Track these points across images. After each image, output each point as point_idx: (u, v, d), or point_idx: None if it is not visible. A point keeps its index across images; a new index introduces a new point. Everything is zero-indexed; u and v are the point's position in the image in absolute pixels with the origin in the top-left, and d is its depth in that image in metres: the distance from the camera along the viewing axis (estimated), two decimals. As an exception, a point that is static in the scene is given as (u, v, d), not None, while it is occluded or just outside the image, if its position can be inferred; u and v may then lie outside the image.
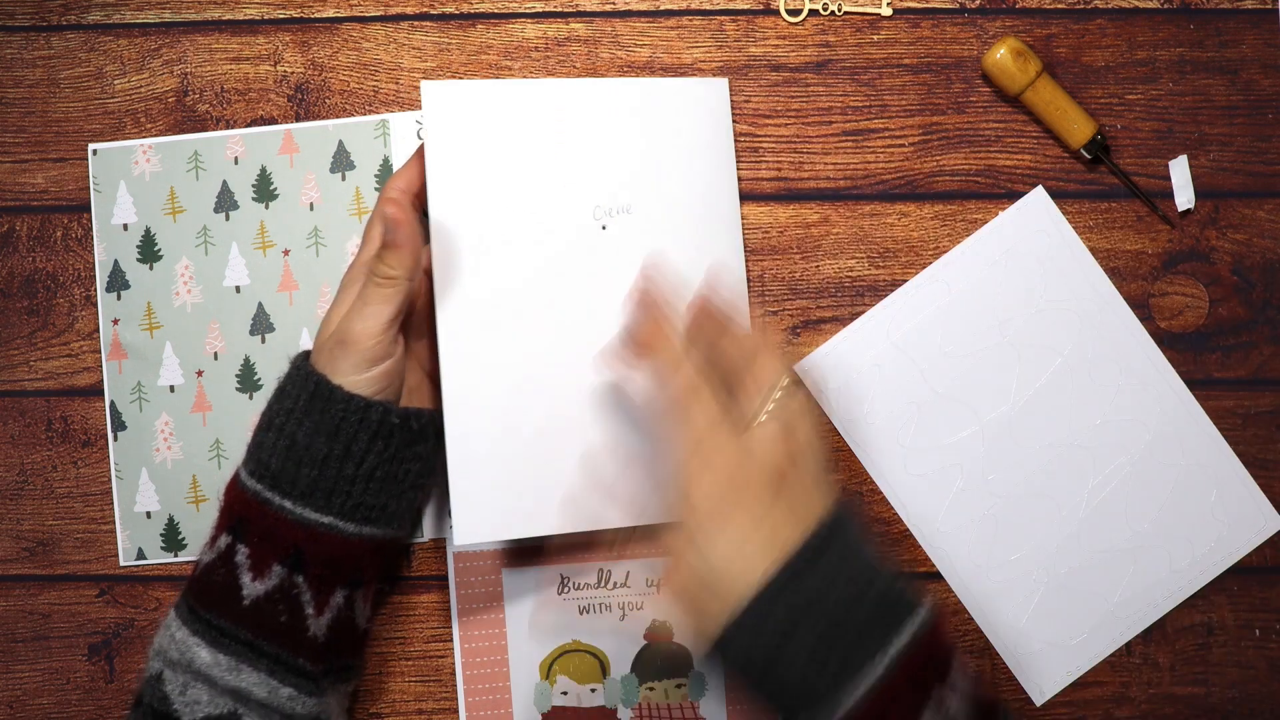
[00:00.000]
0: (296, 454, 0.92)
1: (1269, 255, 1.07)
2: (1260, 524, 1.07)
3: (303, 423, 0.92)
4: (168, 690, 0.90)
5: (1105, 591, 1.06)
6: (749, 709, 1.06)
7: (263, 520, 0.92)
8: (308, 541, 0.91)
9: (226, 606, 0.91)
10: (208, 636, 0.90)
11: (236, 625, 0.90)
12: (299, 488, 0.92)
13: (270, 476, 0.92)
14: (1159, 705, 1.07)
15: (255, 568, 0.91)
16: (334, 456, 0.92)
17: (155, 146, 1.09)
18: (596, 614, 1.07)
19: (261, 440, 0.94)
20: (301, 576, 0.91)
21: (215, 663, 0.90)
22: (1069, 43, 1.08)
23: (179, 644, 0.91)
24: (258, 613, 0.91)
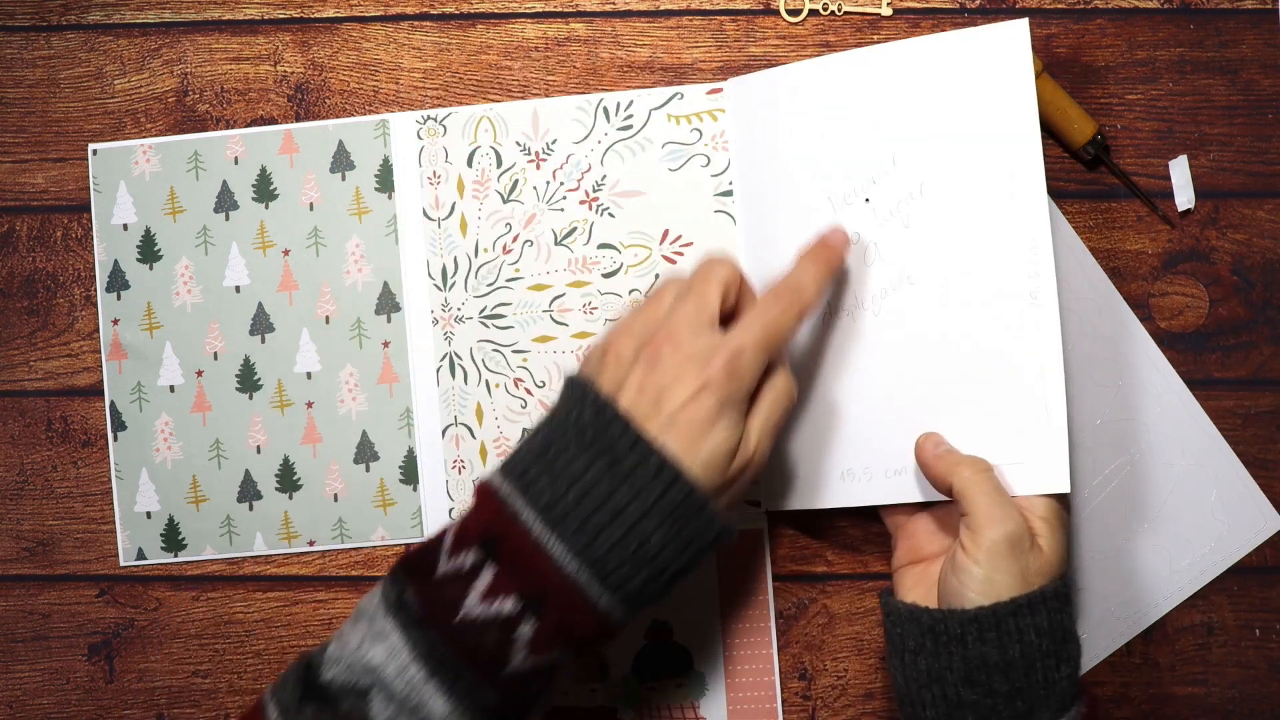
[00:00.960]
0: (644, 556, 0.84)
1: (1269, 255, 1.07)
2: (1260, 524, 1.07)
3: (662, 526, 0.84)
4: (372, 712, 0.84)
5: (1105, 591, 1.06)
6: (749, 710, 1.06)
7: (572, 609, 0.84)
8: (600, 636, 0.86)
9: (487, 672, 0.84)
10: (452, 691, 0.84)
11: (487, 689, 0.84)
12: (629, 589, 0.85)
13: (600, 566, 0.84)
14: (1159, 705, 1.07)
15: (538, 648, 0.84)
16: (676, 568, 0.86)
17: (155, 146, 1.10)
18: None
19: (599, 522, 0.84)
20: (567, 659, 0.87)
21: (448, 716, 0.84)
22: (1069, 43, 1.08)
23: (410, 683, 0.83)
24: (513, 685, 0.85)
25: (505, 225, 1.08)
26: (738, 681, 1.06)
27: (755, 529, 1.07)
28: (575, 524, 0.84)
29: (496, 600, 0.84)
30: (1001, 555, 0.88)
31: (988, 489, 0.90)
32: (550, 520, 0.84)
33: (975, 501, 0.90)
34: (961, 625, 0.89)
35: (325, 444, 1.08)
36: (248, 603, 1.09)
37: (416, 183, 1.08)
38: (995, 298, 0.94)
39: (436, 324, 1.08)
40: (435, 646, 0.84)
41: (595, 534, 0.84)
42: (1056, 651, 0.89)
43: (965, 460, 0.92)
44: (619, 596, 0.84)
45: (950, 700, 0.90)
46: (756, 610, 1.06)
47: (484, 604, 0.84)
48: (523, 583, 0.83)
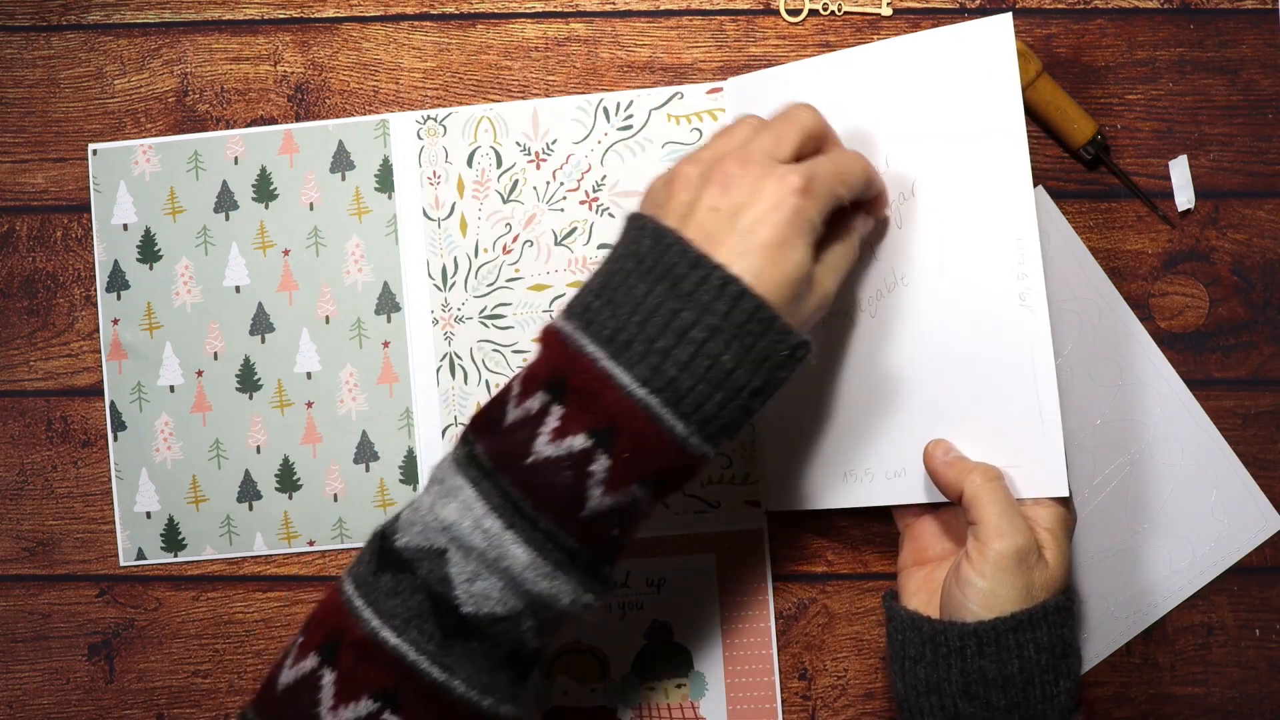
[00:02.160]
0: (715, 377, 0.81)
1: (1269, 255, 1.07)
2: (1260, 524, 1.07)
3: (730, 345, 0.81)
4: (451, 573, 0.81)
5: (1105, 591, 1.06)
6: (749, 710, 1.06)
7: (644, 437, 0.81)
8: (681, 464, 0.83)
9: (563, 513, 0.81)
10: (529, 536, 0.81)
11: (568, 533, 0.81)
12: (704, 413, 0.82)
13: (673, 392, 0.81)
14: (1159, 705, 1.07)
15: (613, 484, 0.81)
16: (750, 389, 0.82)
17: (155, 146, 1.10)
18: (597, 614, 1.07)
19: (665, 347, 0.81)
20: (652, 495, 0.84)
21: (531, 565, 0.81)
22: (1069, 43, 1.08)
23: (489, 535, 0.81)
24: (594, 525, 0.82)
25: (505, 225, 1.08)
26: (737, 682, 1.06)
27: (755, 529, 1.07)
28: (640, 349, 0.81)
29: (567, 438, 0.81)
30: (1007, 569, 0.88)
31: (998, 499, 0.89)
32: (614, 350, 0.81)
33: (984, 512, 0.89)
34: (961, 638, 0.88)
35: (325, 444, 1.08)
36: (248, 603, 1.09)
37: (416, 183, 1.08)
38: (985, 299, 0.94)
39: (436, 324, 1.08)
40: (509, 495, 0.81)
41: (662, 358, 0.81)
42: (1056, 666, 0.89)
43: (976, 468, 0.91)
44: (695, 420, 0.81)
45: (948, 710, 0.90)
46: (756, 610, 1.07)
47: (554, 444, 0.81)
48: (592, 417, 0.81)
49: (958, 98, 0.95)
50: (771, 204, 0.82)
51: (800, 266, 0.83)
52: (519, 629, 0.82)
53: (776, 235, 0.82)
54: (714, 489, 1.07)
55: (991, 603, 0.88)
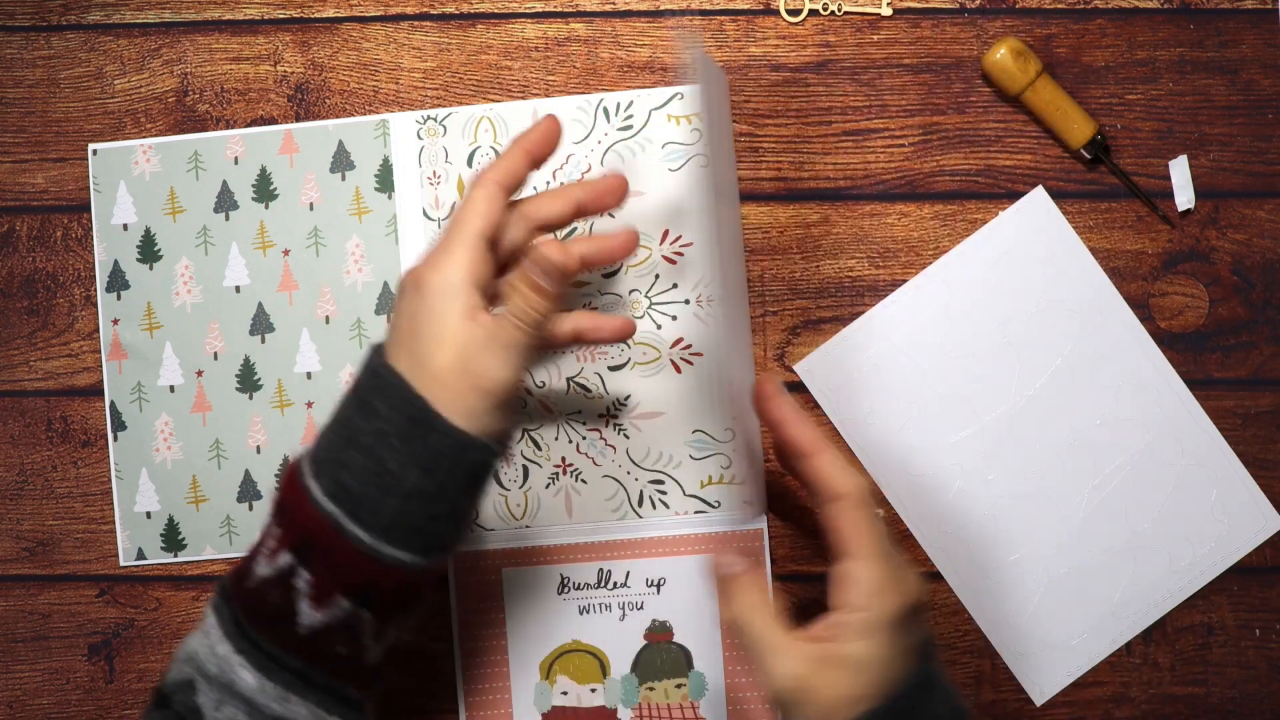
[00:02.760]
0: (384, 482, 0.83)
1: (1269, 255, 1.07)
2: (1260, 524, 1.07)
3: (396, 450, 0.83)
4: (200, 702, 0.83)
5: (1105, 591, 1.06)
6: (749, 710, 1.06)
7: (332, 548, 0.83)
8: (380, 576, 0.83)
9: (280, 632, 0.83)
10: (255, 660, 0.83)
11: (289, 653, 0.83)
12: (380, 519, 0.83)
13: (350, 501, 0.83)
14: (1159, 705, 1.07)
15: (317, 597, 0.83)
16: (425, 494, 0.83)
17: (155, 146, 1.10)
18: (596, 614, 1.07)
19: (342, 457, 0.84)
20: (367, 611, 0.84)
21: (260, 689, 0.83)
22: (1069, 43, 1.08)
23: (220, 660, 0.83)
24: (314, 642, 0.84)
25: (505, 225, 1.08)
26: (737, 682, 1.06)
27: (755, 529, 1.07)
28: (330, 464, 0.84)
29: (277, 557, 0.84)
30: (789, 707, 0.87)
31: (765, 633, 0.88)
32: (314, 466, 0.84)
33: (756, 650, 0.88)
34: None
35: (325, 444, 1.08)
36: (248, 603, 1.09)
37: (416, 183, 1.08)
38: None
39: (436, 324, 1.08)
40: (237, 619, 0.84)
41: (339, 468, 0.83)
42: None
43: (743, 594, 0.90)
44: (375, 529, 0.83)
45: None
46: (756, 610, 1.07)
47: (268, 564, 0.84)
48: (293, 534, 0.84)
49: None
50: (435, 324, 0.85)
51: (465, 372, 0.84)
52: None
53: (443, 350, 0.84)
54: (714, 489, 1.07)
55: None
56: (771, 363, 1.07)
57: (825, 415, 1.07)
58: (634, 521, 1.07)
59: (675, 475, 1.07)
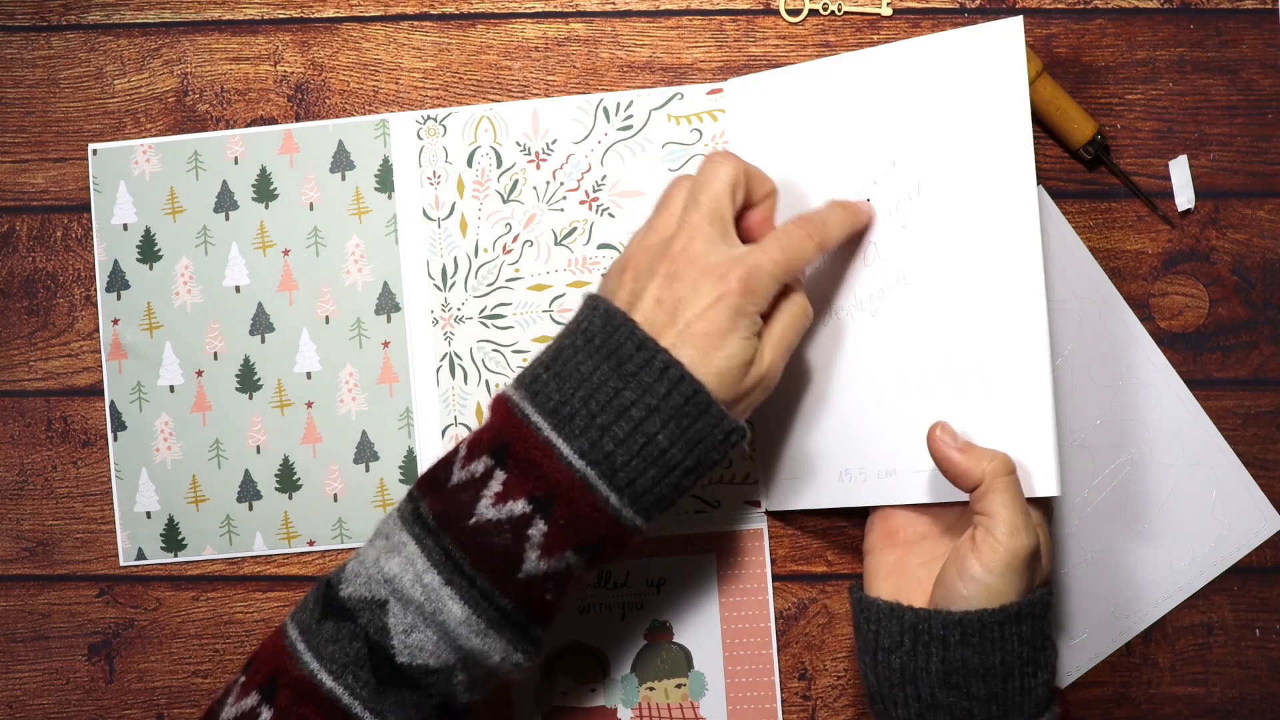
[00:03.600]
0: (649, 454, 0.86)
1: (1269, 255, 1.07)
2: (1260, 524, 1.07)
3: (666, 425, 0.86)
4: (390, 623, 0.85)
5: (1105, 591, 1.06)
6: (749, 710, 1.06)
7: (580, 506, 0.85)
8: (612, 538, 0.87)
9: (500, 574, 0.85)
10: (466, 594, 0.85)
11: (502, 594, 0.86)
12: (635, 488, 0.86)
13: (607, 465, 0.86)
14: (1159, 705, 1.07)
15: (548, 548, 0.85)
16: (682, 468, 0.87)
17: (155, 146, 1.10)
18: (596, 614, 1.07)
19: (606, 423, 0.86)
20: (585, 565, 0.88)
21: (466, 621, 0.85)
22: (1069, 43, 1.08)
23: (428, 589, 0.85)
24: (529, 588, 0.86)
25: (505, 225, 1.08)
26: (737, 681, 1.06)
27: (755, 529, 1.07)
28: (582, 423, 0.86)
29: (508, 503, 0.86)
30: (1017, 569, 0.87)
31: (1015, 495, 0.89)
32: (557, 421, 0.86)
33: (1002, 508, 0.88)
34: (945, 627, 0.88)
35: (325, 444, 1.08)
36: (248, 603, 1.09)
37: (416, 183, 1.08)
38: (985, 297, 0.94)
39: (436, 324, 1.08)
40: (450, 553, 0.85)
41: (601, 432, 0.85)
42: (1035, 659, 0.89)
43: (993, 457, 0.90)
44: (628, 494, 0.86)
45: (924, 701, 0.90)
46: (756, 610, 1.07)
47: (495, 507, 0.86)
48: (532, 484, 0.85)
49: (966, 100, 0.95)
50: (709, 301, 0.87)
51: (736, 356, 0.87)
52: (450, 682, 0.87)
53: (713, 330, 0.87)
54: (714, 489, 1.07)
55: (992, 598, 0.88)
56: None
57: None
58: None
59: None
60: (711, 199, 0.90)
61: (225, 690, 0.89)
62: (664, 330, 0.87)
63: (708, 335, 0.87)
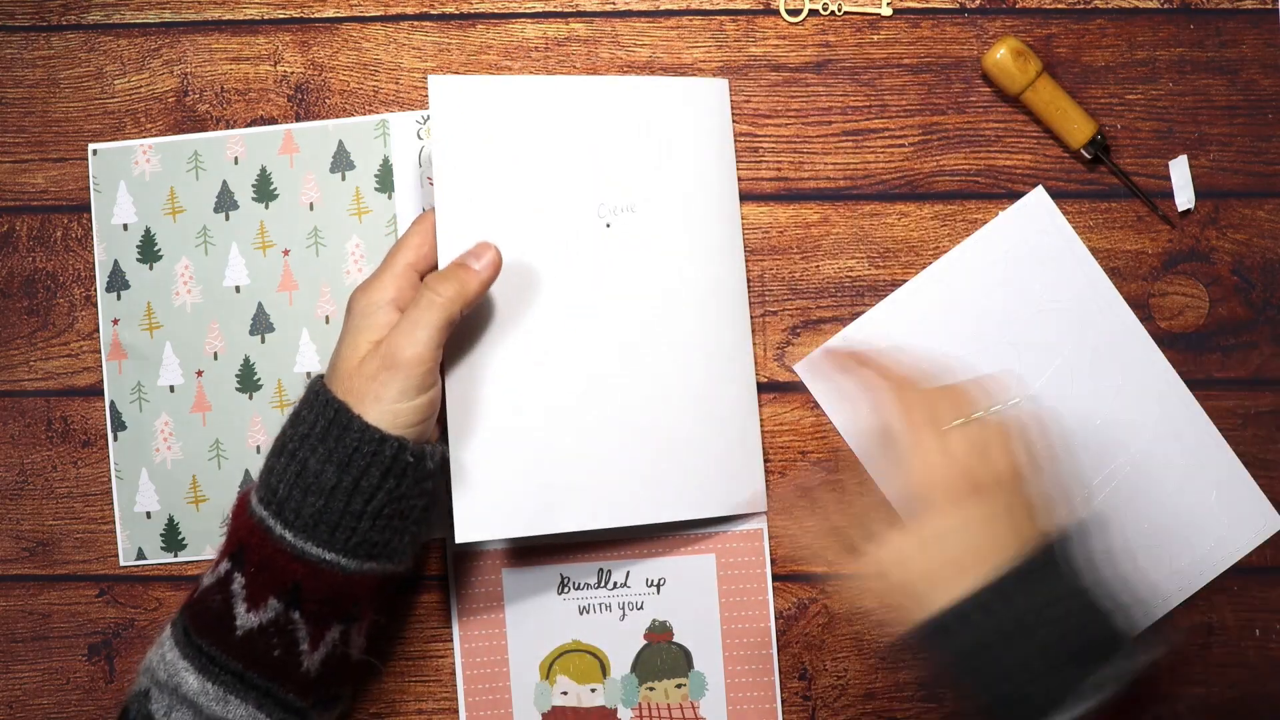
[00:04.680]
0: (305, 481, 0.88)
1: (1269, 255, 1.07)
2: (1260, 524, 1.07)
3: (316, 449, 0.88)
4: (153, 709, 0.88)
5: (1105, 591, 1.06)
6: (749, 710, 1.06)
7: (262, 549, 0.88)
8: (307, 577, 0.88)
9: (219, 635, 0.88)
10: (197, 663, 0.88)
11: (228, 656, 0.88)
12: (303, 518, 0.88)
13: (276, 504, 0.89)
14: (1159, 705, 1.07)
15: (251, 599, 0.88)
16: (342, 489, 0.88)
17: (155, 146, 1.10)
18: (596, 614, 1.07)
19: (273, 465, 0.90)
20: (298, 613, 0.89)
21: (203, 690, 0.88)
22: (1069, 43, 1.08)
23: (168, 665, 0.89)
24: (250, 645, 0.88)
25: (505, 225, 1.08)
26: (738, 682, 1.06)
27: (755, 529, 1.07)
28: (264, 473, 0.91)
29: (219, 565, 0.91)
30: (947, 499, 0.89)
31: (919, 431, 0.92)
32: (258, 483, 0.92)
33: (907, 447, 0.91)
34: None
35: (325, 444, 1.08)
36: (248, 603, 1.09)
37: (416, 182, 1.08)
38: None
39: (436, 324, 1.08)
40: (185, 628, 0.90)
41: (269, 473, 0.91)
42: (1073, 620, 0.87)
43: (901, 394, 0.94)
44: (298, 527, 0.88)
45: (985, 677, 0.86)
46: (756, 610, 1.06)
47: (211, 573, 0.91)
48: (232, 541, 0.91)
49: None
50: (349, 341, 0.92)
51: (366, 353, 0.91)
52: None
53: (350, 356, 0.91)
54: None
55: None
56: (771, 362, 1.07)
57: (824, 415, 1.07)
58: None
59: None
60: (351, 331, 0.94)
61: None
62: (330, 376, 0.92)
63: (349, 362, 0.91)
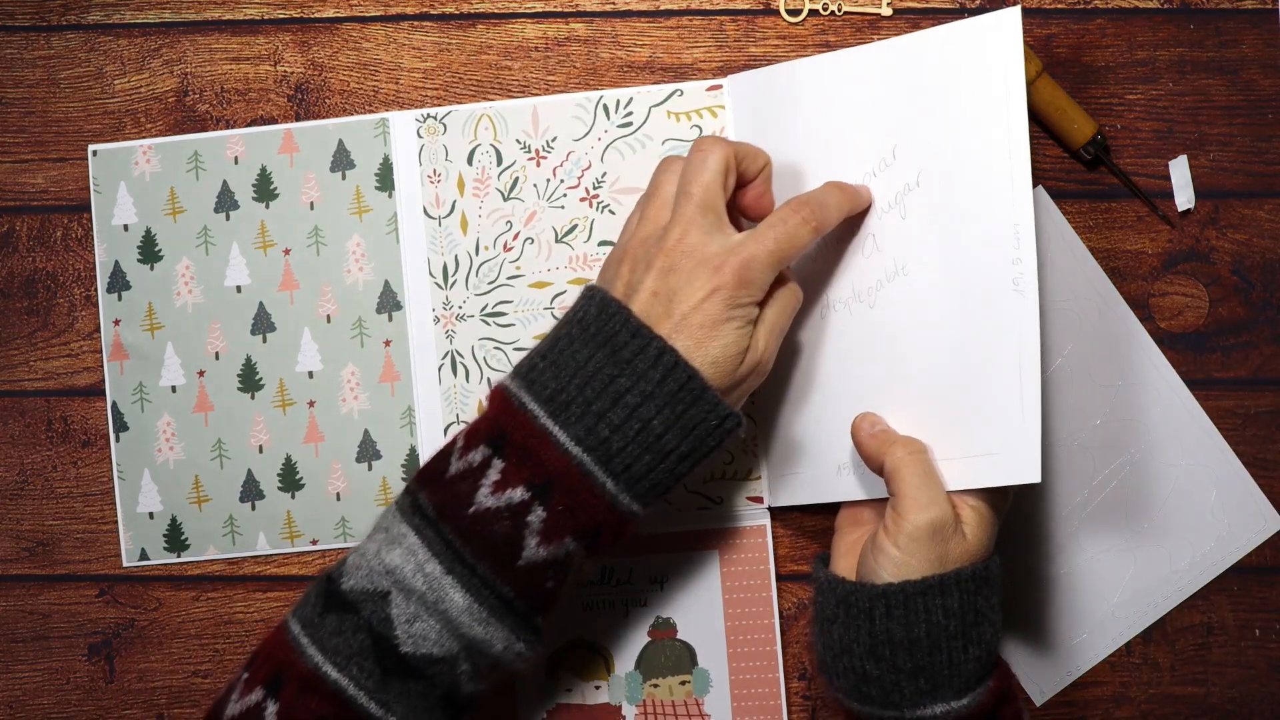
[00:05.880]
0: (645, 440, 0.87)
1: (1269, 255, 1.07)
2: (1260, 524, 1.07)
3: (663, 413, 0.87)
4: (393, 614, 0.86)
5: (1105, 591, 1.06)
6: (754, 706, 1.06)
7: (577, 492, 0.87)
8: (613, 522, 0.88)
9: (500, 561, 0.86)
10: (468, 582, 0.86)
11: (502, 581, 0.87)
12: (633, 474, 0.87)
13: (604, 450, 0.87)
14: (1159, 705, 1.07)
15: (547, 535, 0.86)
16: (680, 455, 0.88)
17: (155, 147, 1.10)
18: (600, 610, 1.07)
19: (602, 409, 0.87)
20: (585, 552, 0.89)
21: (468, 609, 0.86)
22: (1069, 43, 1.08)
23: (429, 578, 0.86)
24: (529, 575, 0.87)
25: (506, 223, 1.08)
26: (742, 678, 1.06)
27: (759, 525, 1.07)
28: (578, 411, 0.87)
29: (506, 491, 0.86)
30: (920, 540, 0.89)
31: (917, 472, 0.91)
32: (553, 409, 0.87)
33: (902, 485, 0.90)
34: (870, 599, 0.90)
35: (327, 443, 1.08)
36: (248, 603, 1.09)
37: (417, 181, 1.08)
38: (980, 286, 0.93)
39: (438, 322, 1.08)
40: (450, 542, 0.86)
41: (597, 419, 0.87)
42: (966, 634, 0.89)
43: (899, 440, 0.93)
44: (624, 479, 0.87)
45: (857, 672, 0.91)
46: (760, 606, 1.06)
47: (494, 495, 0.86)
48: (530, 472, 0.86)
49: (965, 90, 0.94)
50: (704, 294, 0.88)
51: (731, 345, 0.89)
52: (454, 672, 0.88)
53: (707, 321, 0.88)
54: (716, 485, 1.07)
55: (902, 571, 0.89)
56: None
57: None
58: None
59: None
60: (703, 188, 0.91)
61: (228, 687, 0.89)
62: (660, 322, 0.88)
63: (703, 326, 0.88)
